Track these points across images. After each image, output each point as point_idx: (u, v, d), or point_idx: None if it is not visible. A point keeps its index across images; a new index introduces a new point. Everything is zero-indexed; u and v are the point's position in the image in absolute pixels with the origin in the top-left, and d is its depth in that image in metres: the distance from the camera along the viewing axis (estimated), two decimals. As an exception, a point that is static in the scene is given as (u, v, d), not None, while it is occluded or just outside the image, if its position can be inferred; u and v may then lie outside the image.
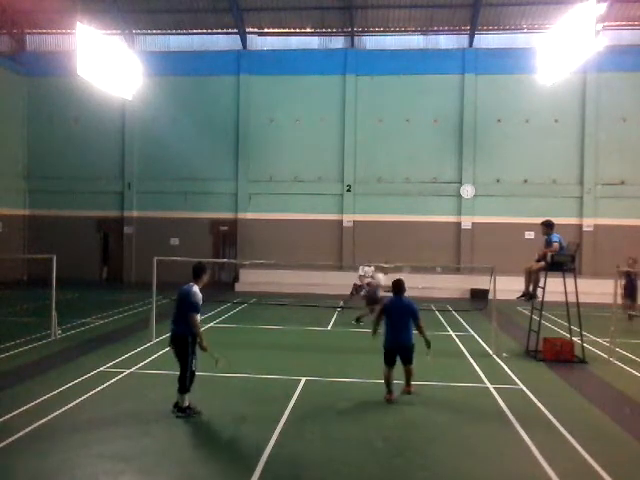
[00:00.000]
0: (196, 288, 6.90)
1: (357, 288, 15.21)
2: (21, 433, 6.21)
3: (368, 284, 14.33)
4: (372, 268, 14.55)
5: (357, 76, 23.17)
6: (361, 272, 14.87)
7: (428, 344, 7.59)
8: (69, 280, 18.86)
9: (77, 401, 7.34)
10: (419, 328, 7.68)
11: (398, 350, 7.67)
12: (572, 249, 10.81)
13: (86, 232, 24.16)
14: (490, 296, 13.52)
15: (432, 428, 6.67)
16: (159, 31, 24.49)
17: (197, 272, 7.06)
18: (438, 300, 18.53)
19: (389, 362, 7.78)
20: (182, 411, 6.86)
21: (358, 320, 14.00)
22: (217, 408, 7.32)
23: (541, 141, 22.27)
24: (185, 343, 6.84)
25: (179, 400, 6.88)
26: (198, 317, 6.85)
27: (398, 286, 7.98)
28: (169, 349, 7.18)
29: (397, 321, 7.69)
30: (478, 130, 22.61)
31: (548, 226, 10.67)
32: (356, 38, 23.59)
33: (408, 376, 7.84)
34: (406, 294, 8.12)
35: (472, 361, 10.15)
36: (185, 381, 6.85)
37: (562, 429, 6.66)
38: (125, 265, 24.03)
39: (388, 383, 7.72)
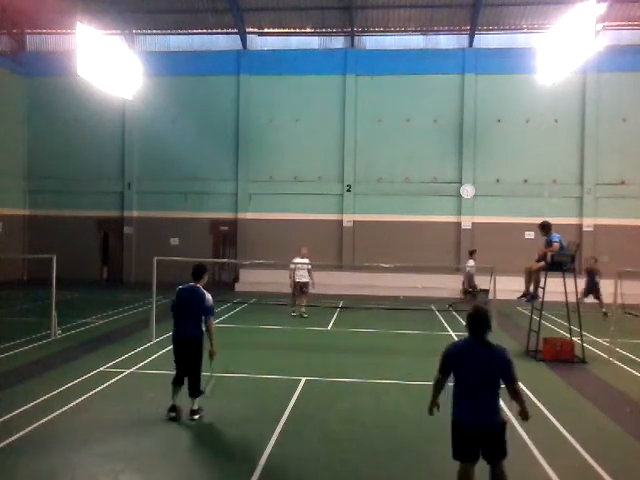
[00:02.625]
0: (206, 291, 6.85)
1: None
2: (21, 433, 6.22)
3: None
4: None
5: (357, 76, 23.16)
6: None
7: (525, 416, 4.51)
8: (69, 280, 18.85)
9: (77, 401, 7.34)
10: (515, 394, 4.42)
11: (479, 438, 4.37)
12: (572, 249, 10.82)
13: (86, 232, 24.16)
14: (490, 296, 13.53)
15: (432, 428, 6.64)
16: (159, 31, 24.48)
17: (201, 272, 6.98)
18: (438, 300, 18.52)
19: (465, 456, 4.42)
20: (197, 413, 6.81)
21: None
22: (217, 408, 7.32)
23: (541, 141, 22.26)
24: (199, 346, 6.76)
25: (193, 404, 6.81)
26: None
27: (477, 320, 4.45)
28: (170, 352, 7.08)
29: (476, 385, 4.35)
30: (478, 130, 22.61)
31: (544, 228, 10.68)
32: (356, 38, 23.58)
33: None
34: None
35: (472, 361, 10.13)
36: (199, 384, 6.80)
37: (562, 429, 6.66)
38: (125, 265, 24.03)
39: None
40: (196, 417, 6.78)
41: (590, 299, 16.06)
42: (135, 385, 8.32)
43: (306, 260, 15.42)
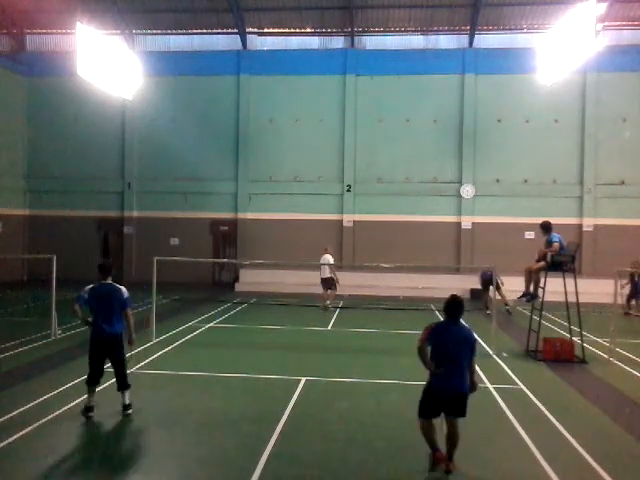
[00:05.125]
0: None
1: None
2: (21, 433, 6.22)
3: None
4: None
5: (357, 76, 23.15)
6: None
7: (473, 387, 5.56)
8: (69, 280, 18.83)
9: (77, 401, 7.32)
10: (471, 367, 5.52)
11: (449, 400, 5.44)
12: (572, 249, 10.82)
13: (86, 232, 24.14)
14: (490, 296, 13.52)
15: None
16: (159, 31, 24.47)
17: (110, 269, 7.38)
18: (438, 300, 18.52)
19: (431, 414, 5.54)
20: (129, 407, 6.92)
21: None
22: (217, 408, 7.33)
23: (541, 141, 22.26)
24: (121, 340, 7.01)
25: (124, 398, 6.92)
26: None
27: (455, 306, 5.56)
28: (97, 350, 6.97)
29: (452, 358, 5.40)
30: (478, 130, 22.60)
31: (544, 228, 10.69)
32: (356, 38, 23.58)
33: (453, 442, 5.48)
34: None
35: (472, 361, 10.14)
36: (126, 377, 6.99)
37: (562, 429, 6.66)
38: (125, 265, 24.01)
39: (433, 441, 5.55)
40: (130, 411, 6.88)
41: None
42: (135, 385, 8.29)
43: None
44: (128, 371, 8.85)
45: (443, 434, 5.53)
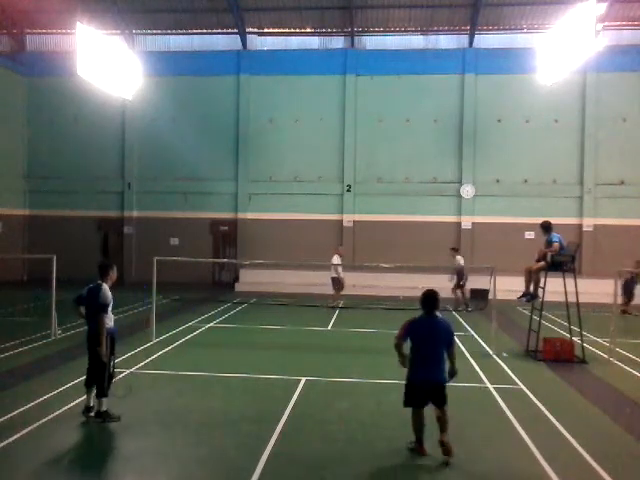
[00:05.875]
0: (106, 287, 6.85)
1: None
2: (21, 433, 6.21)
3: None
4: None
5: (357, 76, 23.16)
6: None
7: (452, 373, 5.84)
8: (69, 280, 18.83)
9: (77, 401, 7.31)
10: (450, 355, 5.80)
11: (428, 391, 5.79)
12: (572, 249, 10.82)
13: (86, 232, 24.13)
14: (490, 296, 13.53)
15: (431, 428, 6.65)
16: (159, 31, 24.47)
17: (103, 270, 7.03)
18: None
19: (418, 404, 5.88)
20: (99, 416, 6.58)
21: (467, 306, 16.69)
22: (217, 408, 7.33)
23: (541, 141, 22.26)
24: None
25: (96, 405, 6.62)
26: (107, 317, 6.71)
27: (431, 300, 5.83)
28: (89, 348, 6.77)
29: (429, 350, 5.72)
30: (478, 130, 22.60)
31: (544, 228, 10.70)
32: (356, 38, 23.58)
33: (442, 426, 5.79)
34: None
35: (472, 361, 10.15)
36: (103, 384, 6.58)
37: (562, 429, 6.66)
38: (125, 265, 23.97)
39: (419, 432, 5.94)
40: (99, 420, 6.55)
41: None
42: (135, 385, 8.31)
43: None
44: (128, 371, 8.88)
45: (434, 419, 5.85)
